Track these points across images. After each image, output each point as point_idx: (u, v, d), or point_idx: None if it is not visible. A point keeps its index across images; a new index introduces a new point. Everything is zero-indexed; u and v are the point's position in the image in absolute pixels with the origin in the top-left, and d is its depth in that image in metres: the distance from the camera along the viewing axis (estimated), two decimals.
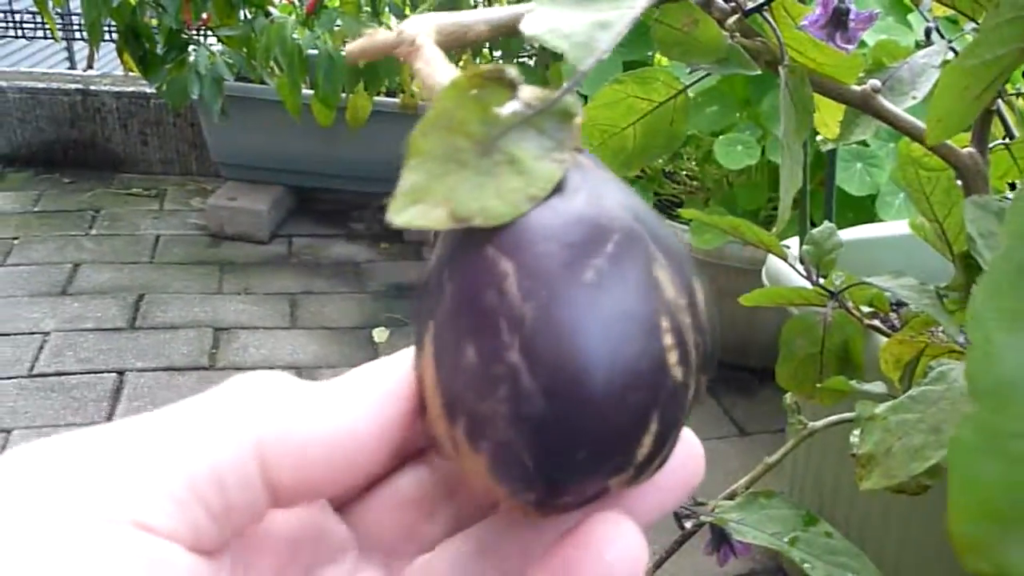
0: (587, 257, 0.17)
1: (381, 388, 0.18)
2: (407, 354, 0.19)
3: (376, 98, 1.78)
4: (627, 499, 0.19)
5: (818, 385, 0.59)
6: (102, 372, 1.45)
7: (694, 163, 1.43)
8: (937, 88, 0.39)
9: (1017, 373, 0.24)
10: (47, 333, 1.54)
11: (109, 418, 1.34)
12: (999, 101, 0.58)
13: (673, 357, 0.17)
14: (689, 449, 0.19)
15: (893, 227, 1.00)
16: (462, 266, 0.17)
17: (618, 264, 0.17)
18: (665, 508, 0.20)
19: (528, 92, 0.18)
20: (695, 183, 1.45)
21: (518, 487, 0.17)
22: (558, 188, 0.18)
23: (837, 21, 0.49)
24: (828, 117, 0.61)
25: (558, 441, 0.16)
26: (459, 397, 0.17)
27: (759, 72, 0.49)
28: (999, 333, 0.26)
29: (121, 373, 1.45)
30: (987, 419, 0.24)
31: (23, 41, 2.51)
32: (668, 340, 0.17)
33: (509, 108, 0.18)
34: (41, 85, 2.20)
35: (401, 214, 0.17)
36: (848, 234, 0.97)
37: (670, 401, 0.17)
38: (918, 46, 0.77)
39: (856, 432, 0.50)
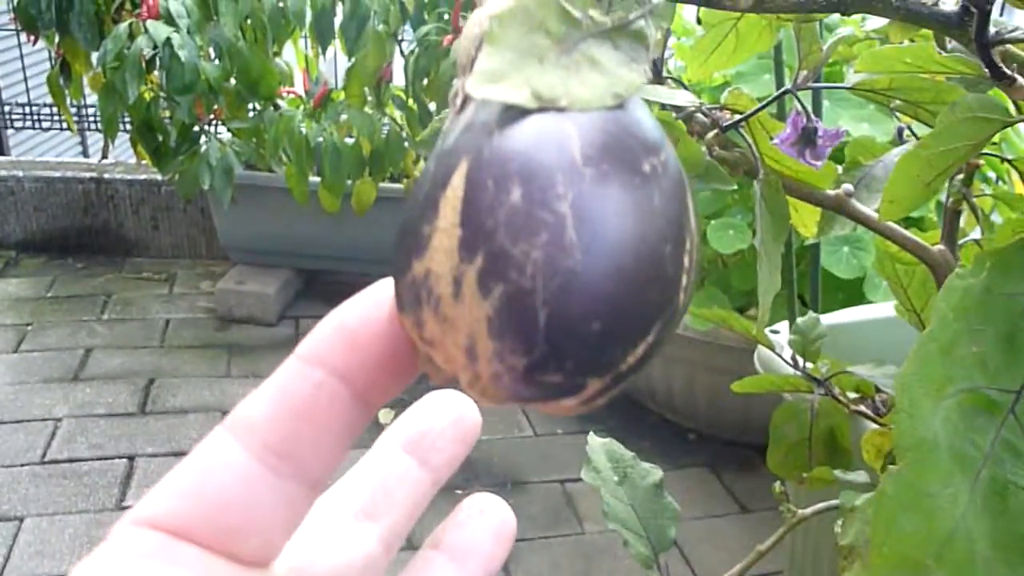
0: (645, 153, 0.16)
1: None
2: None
3: (380, 184, 1.84)
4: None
5: (804, 475, 0.62)
6: (113, 458, 1.47)
7: None
8: (893, 173, 0.42)
9: (938, 437, 0.27)
10: (59, 419, 1.57)
11: (119, 504, 1.36)
12: (967, 202, 0.62)
13: (685, 280, 0.17)
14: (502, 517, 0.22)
15: (881, 309, 1.04)
16: (519, 119, 0.16)
17: (667, 173, 0.17)
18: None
19: (597, 12, 0.19)
20: None
21: (515, 344, 0.16)
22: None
23: (806, 139, 0.53)
24: (806, 217, 0.65)
25: (580, 304, 0.15)
26: (487, 235, 0.16)
27: (735, 187, 0.53)
28: (925, 400, 0.29)
29: (131, 459, 1.47)
30: (909, 477, 0.27)
31: (37, 130, 2.59)
32: (687, 262, 0.17)
33: (585, 18, 0.18)
34: (56, 174, 2.27)
35: (482, 89, 0.17)
36: (837, 317, 1.00)
37: (670, 319, 0.17)
38: (893, 144, 0.81)
39: (839, 522, 0.53)
